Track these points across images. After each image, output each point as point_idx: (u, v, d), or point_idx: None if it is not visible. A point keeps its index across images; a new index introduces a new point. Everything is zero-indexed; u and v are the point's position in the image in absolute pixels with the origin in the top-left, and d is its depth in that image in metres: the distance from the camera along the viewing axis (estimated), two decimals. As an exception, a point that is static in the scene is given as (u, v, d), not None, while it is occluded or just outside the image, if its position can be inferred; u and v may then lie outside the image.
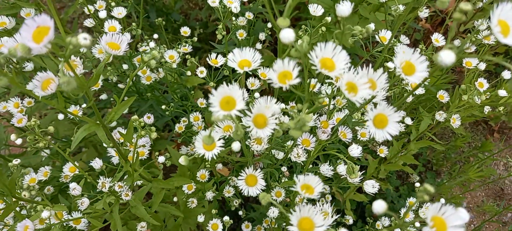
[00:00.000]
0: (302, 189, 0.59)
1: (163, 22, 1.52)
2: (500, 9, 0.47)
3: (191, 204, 1.32)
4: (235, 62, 0.68)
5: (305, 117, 0.52)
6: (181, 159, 0.69)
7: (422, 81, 0.67)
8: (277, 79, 0.54)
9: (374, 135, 0.60)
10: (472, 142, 2.62)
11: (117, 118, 0.79)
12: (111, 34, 0.68)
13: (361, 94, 0.53)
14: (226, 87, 0.52)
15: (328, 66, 0.55)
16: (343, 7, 0.60)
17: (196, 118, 1.45)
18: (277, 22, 0.56)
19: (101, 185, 0.92)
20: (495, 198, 2.58)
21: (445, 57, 0.47)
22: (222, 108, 0.52)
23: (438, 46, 1.16)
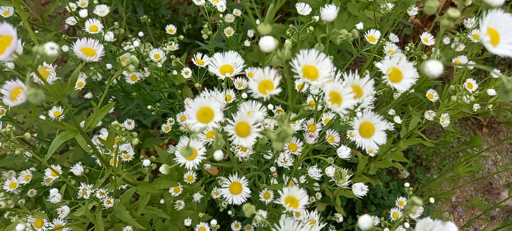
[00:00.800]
0: (287, 202, 0.56)
1: (148, 20, 1.48)
2: (489, 17, 0.45)
3: (178, 206, 1.29)
4: (216, 68, 0.65)
5: (287, 129, 0.50)
6: (161, 168, 0.67)
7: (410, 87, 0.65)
8: (257, 89, 0.51)
9: (360, 144, 0.58)
10: (462, 137, 2.63)
11: (96, 124, 0.76)
12: (85, 40, 0.65)
13: (346, 104, 0.51)
14: (204, 98, 0.49)
15: (311, 75, 0.53)
16: (328, 11, 0.58)
17: (183, 118, 1.42)
18: (258, 28, 0.53)
19: (82, 192, 0.89)
20: (483, 193, 2.60)
21: (432, 68, 0.44)
22: (199, 120, 0.50)
23: (427, 45, 1.14)
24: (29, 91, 0.46)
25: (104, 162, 0.87)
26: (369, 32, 1.08)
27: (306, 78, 0.52)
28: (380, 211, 2.27)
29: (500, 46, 0.46)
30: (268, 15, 0.54)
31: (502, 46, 0.46)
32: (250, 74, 1.21)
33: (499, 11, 0.46)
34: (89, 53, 0.64)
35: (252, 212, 0.59)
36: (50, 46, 0.45)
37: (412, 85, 0.57)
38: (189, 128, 0.48)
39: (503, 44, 0.46)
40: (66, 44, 1.38)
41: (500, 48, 0.46)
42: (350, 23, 1.52)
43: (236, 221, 1.63)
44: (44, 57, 0.46)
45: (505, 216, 2.49)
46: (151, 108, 1.41)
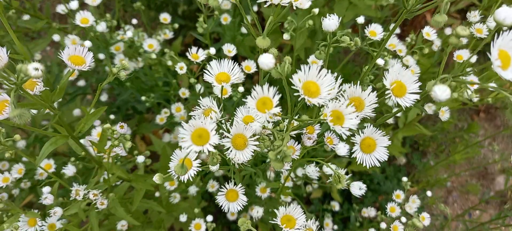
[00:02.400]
0: (283, 222, 0.55)
1: (142, 7, 1.43)
2: (501, 39, 0.43)
3: (173, 199, 1.29)
4: (212, 76, 0.63)
5: (286, 150, 0.47)
6: (155, 178, 0.65)
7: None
8: (255, 107, 0.49)
9: (362, 161, 0.56)
10: (459, 123, 2.62)
11: (88, 128, 0.73)
12: (74, 47, 0.61)
13: (348, 124, 0.48)
14: (198, 120, 0.46)
15: (312, 92, 0.50)
16: (329, 22, 0.55)
17: (178, 109, 1.40)
18: (256, 41, 0.50)
19: (74, 193, 0.87)
20: (478, 178, 2.61)
21: (439, 93, 0.42)
22: (194, 142, 0.47)
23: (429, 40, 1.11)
24: (13, 113, 0.43)
25: (97, 162, 0.85)
26: (370, 27, 1.05)
27: (307, 96, 0.50)
28: (376, 197, 2.28)
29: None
30: (267, 27, 0.51)
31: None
32: (247, 67, 1.18)
33: (511, 32, 0.43)
34: (77, 62, 0.61)
35: (248, 227, 0.57)
36: (34, 67, 0.42)
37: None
38: (184, 150, 0.46)
39: (515, 68, 0.43)
40: (57, 33, 1.33)
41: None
42: (350, 11, 1.48)
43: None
44: (28, 77, 0.43)
45: (500, 202, 2.51)
46: (145, 100, 1.38)
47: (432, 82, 0.46)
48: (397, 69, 0.57)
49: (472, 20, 1.14)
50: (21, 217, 0.93)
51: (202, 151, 0.46)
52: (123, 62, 0.67)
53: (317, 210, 2.12)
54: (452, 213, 2.54)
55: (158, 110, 1.59)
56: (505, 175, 2.49)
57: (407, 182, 1.27)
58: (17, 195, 1.41)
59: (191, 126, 0.47)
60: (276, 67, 0.50)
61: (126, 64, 0.66)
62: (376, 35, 1.03)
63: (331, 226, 1.70)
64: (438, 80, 0.46)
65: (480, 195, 2.50)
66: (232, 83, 0.60)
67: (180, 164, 0.52)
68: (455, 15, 2.48)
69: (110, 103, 1.97)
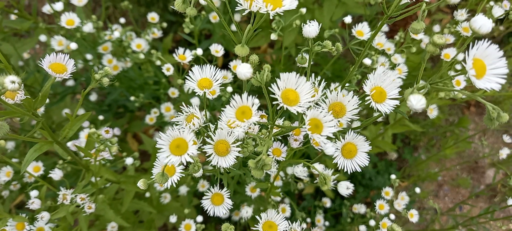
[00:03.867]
0: (265, 229, 0.55)
1: (130, 6, 1.42)
2: (476, 48, 0.43)
3: (164, 200, 1.29)
4: (194, 82, 0.62)
5: (266, 158, 0.48)
6: (140, 183, 0.65)
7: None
8: (234, 116, 0.49)
9: (343, 166, 0.57)
10: (450, 117, 2.64)
11: (72, 133, 0.73)
12: (54, 55, 0.61)
13: (327, 132, 0.49)
14: (176, 130, 0.46)
15: (291, 100, 0.51)
16: (309, 28, 0.55)
17: (168, 109, 1.39)
18: (235, 50, 0.50)
19: (62, 197, 0.87)
20: (469, 171, 2.64)
21: (415, 103, 0.42)
22: (172, 153, 0.47)
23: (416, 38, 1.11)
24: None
25: (84, 166, 0.85)
26: (357, 26, 1.05)
27: (285, 104, 0.50)
28: (367, 192, 2.30)
29: (486, 77, 0.44)
30: (245, 36, 0.50)
31: (489, 79, 0.44)
32: (235, 67, 1.17)
33: (486, 41, 0.43)
34: (58, 69, 0.60)
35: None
36: (10, 80, 0.42)
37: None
38: (163, 161, 0.46)
39: (489, 77, 0.44)
40: (44, 33, 1.32)
41: (486, 80, 0.44)
42: (339, 9, 1.48)
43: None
44: (5, 89, 0.43)
45: (490, 195, 2.54)
46: (134, 100, 1.37)
47: (409, 90, 0.46)
48: (379, 74, 0.57)
49: (459, 18, 1.15)
50: (9, 221, 0.93)
51: (180, 162, 0.46)
52: (106, 69, 0.66)
53: (309, 205, 2.13)
54: (443, 206, 2.57)
55: (149, 109, 1.59)
56: (495, 169, 2.52)
57: (396, 180, 1.28)
58: (8, 196, 1.41)
59: (169, 136, 0.47)
60: (255, 76, 0.50)
61: (109, 71, 0.66)
62: (363, 35, 1.03)
63: (322, 223, 1.71)
64: (415, 89, 0.46)
65: (470, 188, 2.53)
66: (215, 88, 0.60)
67: (160, 173, 0.52)
68: (446, 10, 2.49)
69: (100, 102, 1.96)
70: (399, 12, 0.55)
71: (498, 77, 0.43)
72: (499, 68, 0.43)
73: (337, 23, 1.72)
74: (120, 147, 1.97)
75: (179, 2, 0.50)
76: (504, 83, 0.43)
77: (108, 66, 1.36)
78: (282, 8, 0.47)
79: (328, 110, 0.58)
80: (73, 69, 0.62)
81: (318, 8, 1.60)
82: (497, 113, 0.48)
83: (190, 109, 0.63)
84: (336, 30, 1.03)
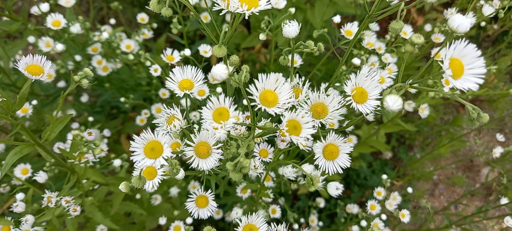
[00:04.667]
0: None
1: (120, 7, 1.41)
2: (453, 47, 0.42)
3: (154, 201, 1.28)
4: (175, 83, 0.62)
5: (243, 161, 0.47)
6: (121, 186, 0.64)
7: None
8: (211, 118, 0.48)
9: (324, 167, 0.56)
10: (445, 116, 2.64)
11: (54, 135, 0.72)
12: (31, 56, 0.60)
13: (305, 134, 0.48)
14: (150, 133, 0.46)
15: (270, 101, 0.50)
16: (289, 28, 0.54)
17: (159, 110, 1.39)
18: (213, 50, 0.49)
19: (46, 200, 0.86)
20: (464, 170, 2.64)
21: (391, 104, 0.42)
22: (147, 155, 0.47)
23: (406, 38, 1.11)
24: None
25: (69, 168, 0.84)
26: (346, 26, 1.04)
27: (263, 106, 0.49)
28: (363, 192, 2.29)
29: (464, 77, 0.43)
30: (222, 36, 0.50)
31: (466, 78, 0.43)
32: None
33: (464, 41, 0.43)
34: (35, 71, 0.59)
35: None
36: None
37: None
38: (136, 164, 0.45)
39: (467, 76, 0.43)
40: (33, 35, 1.31)
41: (464, 80, 0.43)
42: (330, 8, 1.47)
43: (217, 208, 1.63)
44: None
45: (485, 194, 2.54)
46: (125, 101, 1.36)
47: (387, 90, 0.46)
48: (362, 74, 0.56)
49: (449, 17, 1.14)
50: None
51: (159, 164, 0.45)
52: (86, 70, 0.65)
53: (304, 206, 2.13)
54: (439, 205, 2.56)
55: (142, 110, 1.58)
56: (490, 167, 2.51)
57: (387, 180, 1.28)
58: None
59: (143, 139, 0.47)
60: (232, 76, 0.49)
61: (89, 72, 0.65)
62: (352, 35, 1.02)
63: (316, 223, 1.70)
64: (393, 88, 0.45)
65: (466, 187, 2.53)
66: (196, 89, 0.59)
67: (138, 176, 0.51)
68: (440, 8, 2.48)
69: (93, 103, 1.95)
70: (380, 11, 0.54)
71: (476, 77, 0.43)
72: (477, 68, 0.42)
73: (329, 22, 1.71)
74: (114, 148, 1.96)
75: (154, 2, 0.49)
76: (482, 83, 0.43)
77: (98, 67, 1.36)
78: (257, 8, 0.46)
79: (310, 110, 0.57)
80: (50, 71, 0.61)
81: (310, 7, 1.59)
82: (478, 113, 0.47)
83: (171, 111, 0.62)
84: (325, 30, 1.02)
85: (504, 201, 1.40)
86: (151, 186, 0.62)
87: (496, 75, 2.46)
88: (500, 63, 2.36)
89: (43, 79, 0.60)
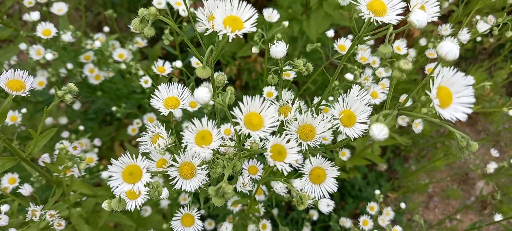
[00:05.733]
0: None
1: (114, 15, 1.40)
2: (441, 76, 0.41)
3: (144, 213, 1.26)
4: (160, 100, 0.60)
5: (225, 187, 0.45)
6: (104, 205, 0.62)
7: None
8: (194, 142, 0.47)
9: (311, 192, 0.54)
10: (440, 128, 2.63)
11: (38, 150, 0.70)
12: (12, 71, 0.58)
13: (289, 159, 0.47)
14: (128, 157, 0.44)
15: (254, 124, 0.49)
16: (277, 49, 0.53)
17: (150, 119, 1.37)
18: (196, 71, 0.48)
19: (30, 214, 0.84)
20: (459, 183, 2.62)
21: (377, 133, 0.40)
22: (125, 180, 0.45)
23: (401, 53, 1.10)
24: None
25: (54, 181, 0.82)
26: (339, 41, 1.03)
27: (248, 129, 0.48)
28: (357, 203, 2.27)
29: (452, 107, 0.42)
30: (206, 56, 0.48)
31: (455, 108, 0.42)
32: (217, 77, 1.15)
33: (453, 69, 0.41)
34: (16, 86, 0.58)
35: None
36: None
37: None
38: (113, 190, 0.44)
39: (456, 105, 0.42)
40: (24, 42, 1.30)
41: (453, 109, 0.42)
42: (325, 20, 1.46)
43: (209, 219, 1.61)
44: None
45: (480, 207, 2.52)
46: (116, 110, 1.35)
47: (374, 117, 0.44)
48: (351, 97, 0.55)
49: (443, 33, 1.13)
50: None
51: (132, 191, 0.43)
52: (70, 85, 0.64)
53: (298, 217, 2.11)
54: (434, 218, 2.55)
55: (135, 117, 1.56)
56: (485, 180, 2.50)
57: (380, 195, 1.26)
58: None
59: (121, 163, 0.45)
60: (218, 98, 0.48)
61: (73, 87, 0.64)
62: (345, 50, 1.01)
63: (309, 235, 1.68)
64: (380, 115, 0.44)
65: (460, 200, 2.52)
66: (181, 108, 0.58)
67: (117, 199, 0.50)
68: (437, 21, 2.48)
69: (86, 109, 1.93)
70: (369, 33, 0.53)
71: (464, 107, 0.41)
72: (465, 97, 0.41)
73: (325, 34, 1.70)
74: (107, 155, 1.94)
75: (136, 22, 0.48)
76: (470, 112, 0.42)
77: (90, 75, 1.34)
78: (241, 31, 0.45)
79: (298, 132, 0.56)
80: (32, 87, 0.60)
81: (306, 19, 1.59)
82: (466, 142, 0.46)
83: (156, 130, 0.61)
84: (318, 44, 1.01)
85: (497, 218, 1.39)
86: (134, 206, 0.60)
87: (492, 89, 2.46)
88: (496, 76, 2.36)
89: (24, 95, 0.58)
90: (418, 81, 2.12)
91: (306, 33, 1.67)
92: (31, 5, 1.20)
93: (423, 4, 0.45)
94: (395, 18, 0.45)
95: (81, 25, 1.51)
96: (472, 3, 1.36)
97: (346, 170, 2.08)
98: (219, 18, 0.44)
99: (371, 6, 0.46)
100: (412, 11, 0.43)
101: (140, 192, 0.58)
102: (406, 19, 0.43)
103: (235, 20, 0.45)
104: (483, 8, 1.47)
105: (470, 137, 2.13)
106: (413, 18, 0.42)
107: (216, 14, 0.44)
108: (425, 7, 0.45)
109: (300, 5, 1.62)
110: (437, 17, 0.56)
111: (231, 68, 2.06)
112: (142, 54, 2.29)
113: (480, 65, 2.52)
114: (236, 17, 0.45)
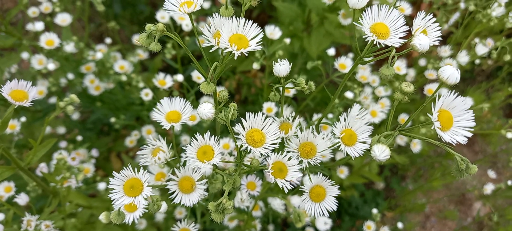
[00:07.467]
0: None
1: (117, 27, 1.41)
2: (442, 100, 0.42)
3: (139, 225, 1.25)
4: (162, 114, 0.60)
5: (226, 203, 0.45)
6: (101, 217, 0.62)
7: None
8: (195, 157, 0.47)
9: (310, 210, 0.54)
10: (438, 148, 2.63)
11: (37, 159, 0.70)
12: (16, 81, 0.59)
13: (290, 177, 0.47)
14: (130, 170, 0.44)
15: (256, 141, 0.49)
16: (280, 67, 0.53)
17: (149, 131, 1.37)
18: (200, 87, 0.49)
19: (26, 224, 0.83)
20: (456, 203, 2.62)
21: (378, 154, 0.41)
22: (126, 193, 0.45)
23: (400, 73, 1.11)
24: None
25: (51, 191, 0.82)
26: (340, 59, 1.04)
27: (250, 146, 0.48)
28: (353, 221, 2.26)
29: (453, 130, 0.42)
30: (210, 73, 0.49)
31: (455, 131, 0.42)
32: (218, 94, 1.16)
33: (453, 93, 0.42)
34: (19, 97, 0.58)
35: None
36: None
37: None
38: (115, 204, 0.43)
39: (456, 129, 0.42)
40: (27, 51, 1.30)
41: (453, 133, 0.42)
42: (326, 39, 1.48)
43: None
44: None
45: (477, 229, 2.51)
46: (115, 121, 1.34)
47: (375, 137, 0.45)
48: (352, 116, 0.56)
49: (442, 54, 1.15)
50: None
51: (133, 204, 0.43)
52: (72, 97, 0.64)
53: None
54: (431, 239, 2.53)
55: (134, 129, 1.56)
56: (482, 201, 2.50)
57: (377, 214, 1.26)
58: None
59: (123, 177, 0.45)
60: (220, 115, 0.48)
61: (75, 99, 0.64)
62: (345, 68, 1.02)
63: (304, 254, 1.67)
64: (382, 136, 0.45)
65: (457, 221, 2.50)
66: (183, 123, 0.58)
67: (116, 212, 0.50)
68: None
69: (85, 119, 1.93)
70: (371, 55, 0.54)
71: (464, 130, 0.42)
72: (466, 121, 0.42)
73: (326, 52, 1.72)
74: (103, 165, 1.93)
75: (143, 37, 0.49)
76: (470, 136, 0.42)
77: (90, 86, 1.34)
78: (247, 49, 0.46)
79: (298, 150, 0.56)
80: (35, 97, 0.60)
81: (306, 36, 1.60)
82: (466, 165, 0.46)
83: (157, 143, 0.61)
84: (319, 62, 1.02)
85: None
86: (132, 219, 0.60)
87: (489, 110, 2.47)
88: (494, 98, 2.38)
89: (27, 105, 0.58)
90: (416, 101, 2.14)
91: (306, 50, 1.69)
92: (36, 15, 1.21)
93: (425, 28, 0.46)
94: (398, 41, 0.46)
95: (83, 35, 1.52)
96: (471, 26, 1.38)
97: (344, 187, 2.07)
98: (225, 36, 0.44)
99: (375, 29, 0.47)
100: (414, 35, 0.43)
101: (139, 205, 0.58)
102: (409, 43, 0.43)
103: (241, 38, 0.46)
104: (482, 30, 1.49)
105: (468, 158, 2.15)
106: (416, 42, 0.43)
107: (223, 32, 0.44)
108: (427, 31, 0.46)
109: (301, 22, 1.64)
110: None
111: (231, 82, 2.07)
112: (142, 66, 2.30)
113: (478, 86, 2.54)
114: (242, 35, 0.46)
